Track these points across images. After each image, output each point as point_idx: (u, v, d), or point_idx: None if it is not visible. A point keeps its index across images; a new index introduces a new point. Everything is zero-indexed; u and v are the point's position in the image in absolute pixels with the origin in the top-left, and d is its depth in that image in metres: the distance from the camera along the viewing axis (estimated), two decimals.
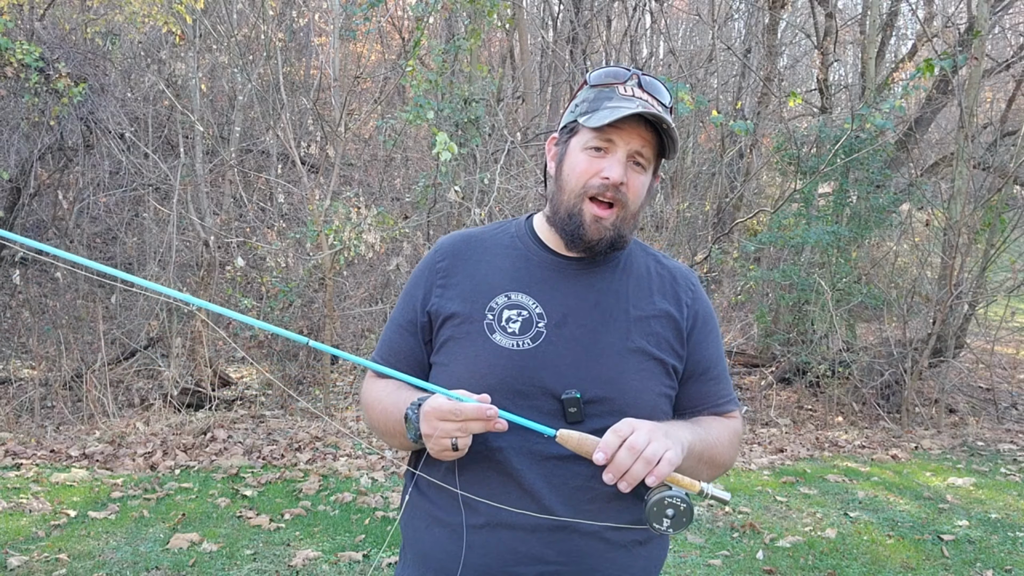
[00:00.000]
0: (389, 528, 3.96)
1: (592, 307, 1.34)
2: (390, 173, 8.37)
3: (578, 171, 1.31)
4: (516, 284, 1.35)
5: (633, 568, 1.32)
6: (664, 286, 1.40)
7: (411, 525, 1.38)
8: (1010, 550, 3.88)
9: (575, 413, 1.26)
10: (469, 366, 1.29)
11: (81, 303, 7.47)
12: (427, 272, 1.41)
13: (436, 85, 5.85)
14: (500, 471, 1.27)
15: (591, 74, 1.37)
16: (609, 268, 1.38)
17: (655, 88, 1.34)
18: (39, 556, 3.53)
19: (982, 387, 7.46)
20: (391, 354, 1.40)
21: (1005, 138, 8.27)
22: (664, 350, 1.34)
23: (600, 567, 1.28)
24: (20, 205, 7.59)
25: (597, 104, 1.30)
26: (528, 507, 1.26)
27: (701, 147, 9.01)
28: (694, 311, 1.40)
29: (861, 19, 9.08)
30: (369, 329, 7.09)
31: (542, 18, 13.17)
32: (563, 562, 1.26)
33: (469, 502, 1.28)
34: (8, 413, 5.85)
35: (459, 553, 1.28)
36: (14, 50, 6.11)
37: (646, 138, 1.29)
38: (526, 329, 1.30)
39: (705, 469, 1.31)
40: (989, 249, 6.67)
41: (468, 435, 1.17)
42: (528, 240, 1.41)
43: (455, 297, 1.35)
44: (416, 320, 1.38)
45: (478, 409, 1.15)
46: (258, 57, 7.99)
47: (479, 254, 1.40)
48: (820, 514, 4.35)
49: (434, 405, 1.18)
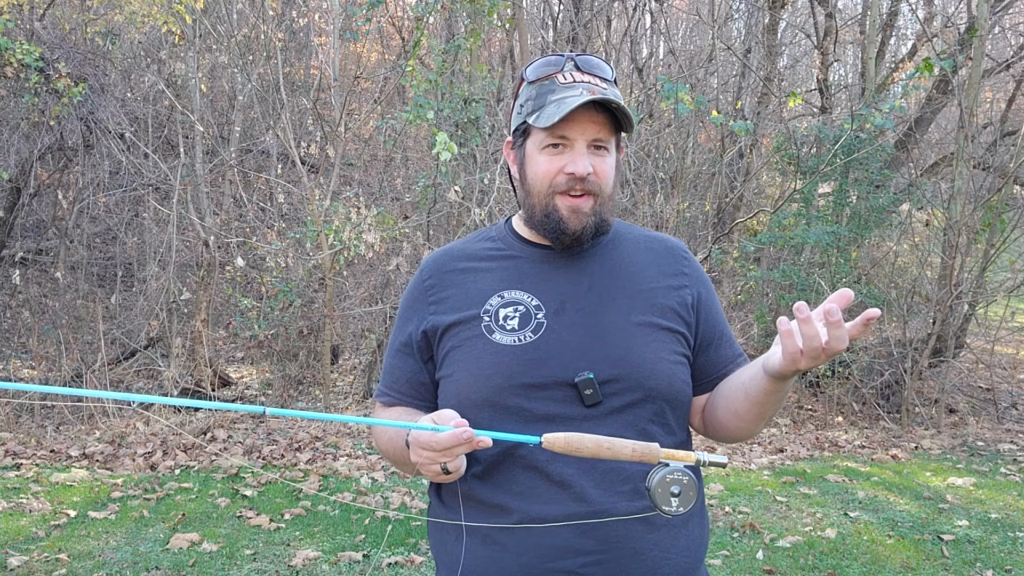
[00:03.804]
0: (389, 528, 3.96)
1: (588, 290, 1.32)
2: (390, 173, 8.36)
3: (541, 173, 1.29)
4: (507, 283, 1.33)
5: (676, 548, 1.28)
6: (659, 259, 1.39)
7: (440, 540, 1.35)
8: (1010, 550, 3.88)
9: (592, 395, 1.23)
10: (473, 370, 1.27)
11: (81, 303, 7.48)
12: (416, 293, 1.39)
13: (436, 85, 5.85)
14: (525, 466, 1.24)
15: (527, 70, 1.34)
16: (598, 250, 1.36)
17: (593, 66, 1.31)
18: (39, 556, 3.53)
19: (982, 387, 7.46)
20: (394, 380, 1.38)
21: (1005, 138, 8.27)
22: (670, 318, 1.32)
23: (643, 550, 1.24)
24: (20, 205, 7.59)
25: (541, 100, 1.28)
26: (560, 498, 1.22)
27: (701, 147, 9.00)
28: (695, 279, 1.39)
29: (861, 19, 9.07)
30: (369, 329, 7.09)
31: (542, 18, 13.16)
32: (604, 550, 1.22)
33: (499, 503, 1.25)
34: (8, 413, 5.85)
35: (494, 559, 1.25)
36: (14, 50, 6.11)
37: (600, 121, 1.27)
38: (525, 323, 1.28)
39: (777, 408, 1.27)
40: (989, 249, 6.66)
41: (455, 458, 1.14)
42: (511, 240, 1.39)
43: (449, 309, 1.33)
44: (412, 342, 1.36)
45: (453, 436, 1.10)
46: (258, 57, 7.99)
47: (464, 264, 1.38)
48: (820, 514, 4.35)
49: (414, 436, 1.16)
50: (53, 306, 7.62)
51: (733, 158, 9.01)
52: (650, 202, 7.57)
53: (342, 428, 5.85)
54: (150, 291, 7.25)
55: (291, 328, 6.86)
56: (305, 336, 7.05)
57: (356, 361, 7.55)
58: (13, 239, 7.79)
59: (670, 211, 7.40)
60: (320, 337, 6.73)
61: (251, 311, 6.53)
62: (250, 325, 6.46)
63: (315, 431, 5.67)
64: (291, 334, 6.92)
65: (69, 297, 7.60)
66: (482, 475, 1.27)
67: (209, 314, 6.64)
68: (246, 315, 6.53)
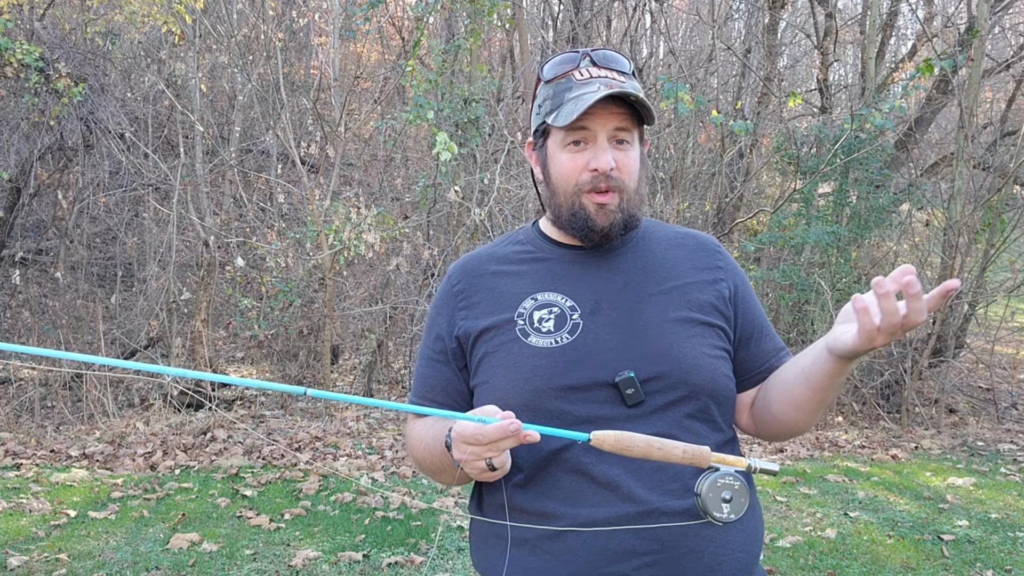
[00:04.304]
0: (389, 528, 3.96)
1: (622, 288, 1.30)
2: (390, 173, 8.36)
3: (565, 171, 1.28)
4: (540, 285, 1.31)
5: (732, 545, 1.23)
6: (692, 254, 1.37)
7: (484, 556, 1.30)
8: (1010, 550, 3.88)
9: (633, 394, 1.20)
10: (510, 375, 1.24)
11: (81, 303, 7.48)
12: (446, 299, 1.37)
13: (436, 85, 5.85)
14: (570, 470, 1.21)
15: (543, 69, 1.33)
16: (629, 248, 1.35)
17: (610, 60, 1.30)
18: (39, 556, 3.53)
19: (982, 387, 7.46)
20: (428, 389, 1.35)
21: (1005, 138, 8.27)
22: (708, 313, 1.30)
23: (700, 548, 1.20)
24: (20, 205, 7.60)
25: (559, 99, 1.27)
26: (609, 500, 1.19)
27: (701, 147, 8.99)
28: (730, 272, 1.37)
29: (861, 19, 9.08)
30: (369, 329, 7.09)
31: (542, 18, 13.16)
32: (658, 550, 1.18)
33: (545, 510, 1.21)
34: (8, 413, 5.85)
35: (544, 569, 1.21)
36: (14, 50, 6.11)
37: (619, 114, 1.25)
38: (561, 325, 1.26)
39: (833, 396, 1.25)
40: (989, 249, 6.66)
41: (501, 452, 1.11)
42: (540, 242, 1.37)
43: (481, 315, 1.31)
44: (446, 348, 1.33)
45: (500, 428, 1.07)
46: (258, 57, 7.99)
47: (494, 267, 1.36)
48: (820, 514, 4.35)
49: (459, 430, 1.11)
50: (53, 306, 7.62)
51: (733, 158, 9.01)
52: (650, 202, 7.57)
53: (342, 428, 5.85)
54: (150, 291, 7.25)
55: (291, 328, 6.86)
56: (305, 336, 7.06)
57: (356, 361, 7.55)
58: (13, 239, 7.79)
59: (670, 211, 7.39)
60: (320, 337, 6.74)
61: (251, 311, 6.53)
62: (250, 325, 6.46)
63: (315, 431, 5.67)
64: (291, 334, 6.92)
65: (69, 297, 7.60)
66: (524, 483, 1.24)
67: (209, 314, 6.64)
68: (246, 315, 6.53)
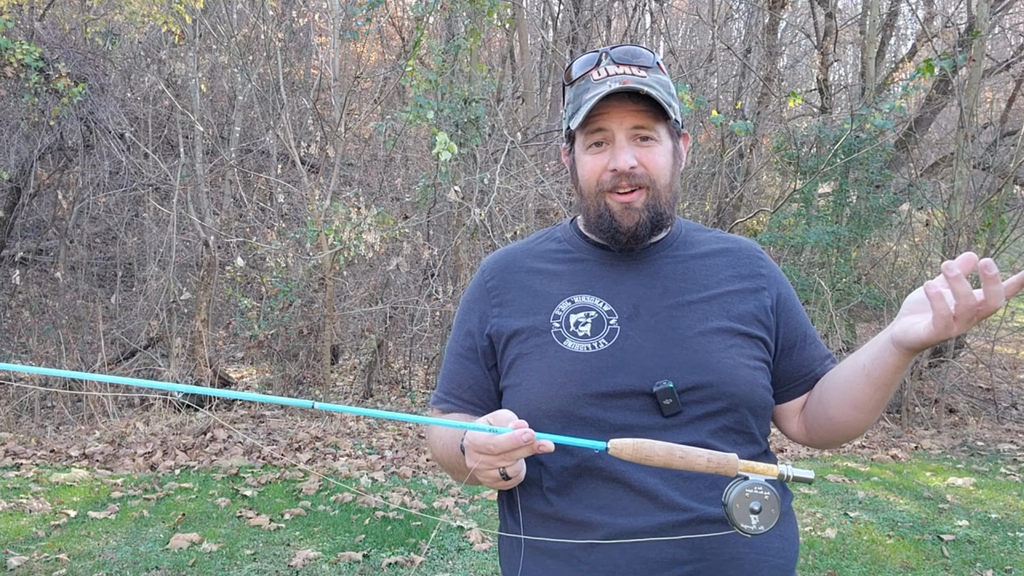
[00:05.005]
0: (389, 528, 3.96)
1: (662, 294, 1.26)
2: (390, 173, 8.36)
3: (587, 173, 1.25)
4: (577, 287, 1.27)
5: (772, 550, 1.20)
6: (734, 260, 1.33)
7: (514, 565, 1.25)
8: (1010, 550, 3.88)
9: (671, 405, 1.16)
10: (544, 379, 1.20)
11: (81, 303, 7.48)
12: (478, 294, 1.33)
13: (436, 85, 5.85)
14: (606, 478, 1.18)
15: (570, 71, 1.31)
16: (669, 252, 1.31)
17: (631, 55, 1.26)
18: (39, 556, 3.53)
19: (982, 387, 7.45)
20: (455, 386, 1.32)
21: (1005, 138, 8.28)
22: (749, 323, 1.26)
23: (740, 554, 1.17)
24: (20, 205, 7.60)
25: (578, 101, 1.25)
26: (648, 509, 1.15)
27: (701, 147, 9.00)
28: (773, 280, 1.33)
29: (861, 19, 9.08)
30: (369, 329, 7.09)
31: (542, 18, 13.18)
32: (699, 558, 1.15)
33: (581, 519, 1.18)
34: (8, 413, 5.85)
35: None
36: (14, 50, 6.11)
37: (636, 111, 1.21)
38: (598, 329, 1.22)
39: None
40: (989, 249, 6.67)
41: (515, 462, 1.07)
42: (579, 241, 1.33)
43: (514, 313, 1.27)
44: (476, 346, 1.30)
45: (512, 439, 1.03)
46: (258, 57, 8.00)
47: (529, 264, 1.33)
48: (820, 514, 4.35)
49: (471, 439, 1.07)
50: (53, 306, 7.62)
51: (733, 158, 9.01)
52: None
53: (342, 428, 5.85)
54: (150, 291, 7.25)
55: (291, 328, 6.86)
56: (305, 336, 7.06)
57: (356, 361, 7.54)
58: (13, 239, 7.80)
59: None
60: (320, 337, 6.74)
61: (251, 311, 6.53)
62: (250, 325, 6.46)
63: (315, 431, 5.67)
64: (291, 334, 6.92)
65: (69, 297, 7.60)
66: (557, 489, 1.20)
67: (209, 314, 6.64)
68: (246, 315, 6.54)
